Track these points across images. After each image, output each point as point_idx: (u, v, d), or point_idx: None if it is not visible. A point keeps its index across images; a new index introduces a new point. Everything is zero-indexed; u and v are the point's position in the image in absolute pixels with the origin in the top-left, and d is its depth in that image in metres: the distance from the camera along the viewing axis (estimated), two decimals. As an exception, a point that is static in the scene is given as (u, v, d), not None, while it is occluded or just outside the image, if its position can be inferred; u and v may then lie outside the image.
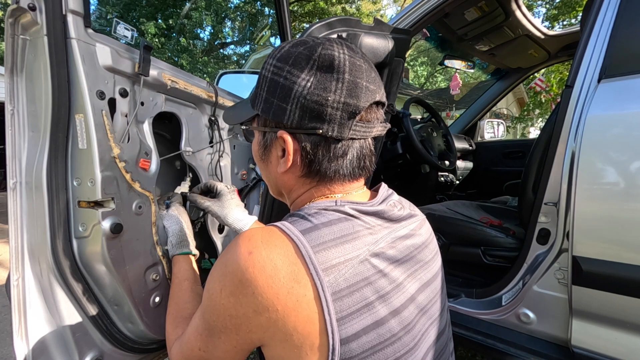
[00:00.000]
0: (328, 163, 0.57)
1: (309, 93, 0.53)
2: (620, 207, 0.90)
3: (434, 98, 12.31)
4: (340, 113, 0.53)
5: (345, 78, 0.53)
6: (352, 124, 0.54)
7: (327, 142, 0.56)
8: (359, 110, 0.54)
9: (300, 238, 0.50)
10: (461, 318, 1.28)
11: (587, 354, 0.98)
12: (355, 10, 16.99)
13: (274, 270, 0.48)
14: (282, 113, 0.56)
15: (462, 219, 1.58)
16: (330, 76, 0.53)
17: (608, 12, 1.00)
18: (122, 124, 0.87)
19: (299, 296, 0.47)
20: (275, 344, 0.50)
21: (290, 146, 0.57)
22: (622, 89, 0.93)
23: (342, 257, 0.50)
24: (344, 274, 0.49)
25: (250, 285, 0.48)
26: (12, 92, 0.80)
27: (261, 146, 0.64)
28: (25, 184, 0.81)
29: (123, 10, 12.36)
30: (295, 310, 0.47)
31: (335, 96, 0.53)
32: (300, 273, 0.48)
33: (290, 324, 0.48)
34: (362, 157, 0.59)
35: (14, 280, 0.79)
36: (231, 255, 0.51)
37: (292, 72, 0.54)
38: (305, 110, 0.54)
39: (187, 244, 0.93)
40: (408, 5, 1.56)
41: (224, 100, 1.20)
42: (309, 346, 0.48)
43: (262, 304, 0.48)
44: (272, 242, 0.50)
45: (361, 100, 0.54)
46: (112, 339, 0.90)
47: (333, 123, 0.54)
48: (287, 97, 0.55)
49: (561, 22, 11.48)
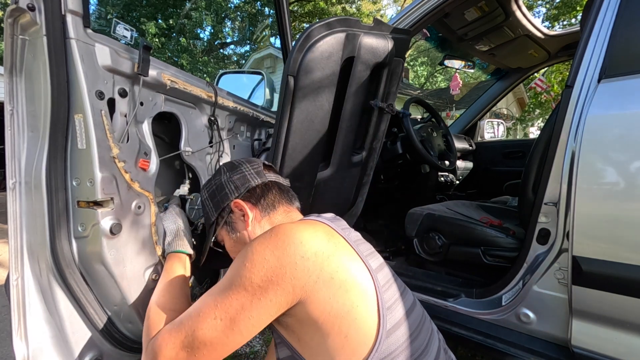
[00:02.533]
0: (268, 196, 0.85)
1: (230, 176, 0.87)
2: (620, 207, 0.90)
3: (434, 98, 12.30)
4: (253, 171, 0.88)
5: (243, 161, 0.91)
6: (263, 173, 0.88)
7: (259, 188, 0.86)
8: (260, 165, 0.90)
9: (317, 217, 0.76)
10: (461, 318, 1.27)
11: (587, 354, 0.97)
12: (355, 10, 16.98)
13: (314, 228, 0.67)
14: (225, 195, 0.85)
15: (462, 219, 1.57)
16: (234, 166, 0.89)
17: (608, 12, 1.00)
18: (121, 124, 0.87)
19: (337, 243, 0.66)
20: (321, 287, 0.60)
21: (242, 203, 0.83)
22: (622, 89, 0.93)
23: (343, 227, 0.74)
24: (351, 234, 0.74)
25: (298, 236, 0.63)
26: (11, 92, 0.80)
27: (229, 232, 0.86)
28: (25, 184, 0.81)
29: (123, 10, 12.37)
30: (334, 255, 0.63)
31: (245, 167, 0.89)
32: (331, 231, 0.69)
33: (334, 263, 0.62)
34: (285, 189, 0.90)
35: (14, 280, 0.79)
36: (274, 228, 0.66)
37: (215, 179, 0.89)
38: (236, 182, 0.86)
39: (182, 243, 0.94)
40: (408, 5, 1.56)
41: (224, 100, 1.20)
42: (351, 282, 0.62)
43: (310, 250, 0.61)
44: (304, 220, 0.76)
45: (259, 163, 0.91)
46: (111, 339, 0.90)
47: (254, 178, 0.86)
48: (222, 187, 0.86)
49: (561, 22, 11.47)
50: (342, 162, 1.41)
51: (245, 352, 1.87)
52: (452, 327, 1.27)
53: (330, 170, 1.38)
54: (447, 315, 1.29)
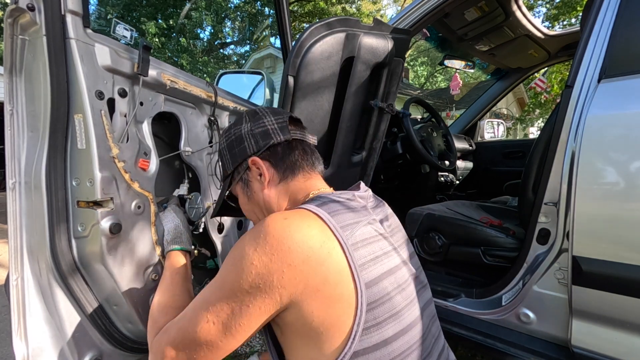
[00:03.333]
0: (289, 158, 0.77)
1: (252, 127, 0.78)
2: (620, 207, 0.90)
3: (434, 98, 12.30)
4: (277, 126, 0.78)
5: (267, 112, 0.80)
6: (288, 129, 0.78)
7: (281, 146, 0.77)
8: (286, 118, 0.79)
9: (317, 209, 0.63)
10: (461, 318, 1.27)
11: (587, 354, 0.97)
12: (355, 10, 16.98)
13: (308, 228, 0.59)
14: (244, 150, 0.77)
15: (462, 219, 1.57)
16: (258, 116, 0.79)
17: (608, 12, 1.00)
18: (121, 124, 0.87)
19: (330, 249, 0.58)
20: (306, 297, 0.56)
21: (260, 162, 0.75)
22: (622, 89, 0.93)
23: (352, 220, 0.65)
24: (357, 231, 0.63)
25: (287, 242, 0.57)
26: (11, 92, 0.80)
27: (244, 189, 0.80)
28: (25, 183, 0.81)
29: (123, 10, 12.37)
30: (326, 262, 0.57)
31: (267, 119, 0.78)
32: (327, 232, 0.60)
33: (321, 274, 0.57)
34: (310, 151, 0.81)
35: (13, 280, 0.79)
36: (266, 222, 0.60)
37: (236, 128, 0.80)
38: (256, 135, 0.77)
39: (181, 240, 0.94)
40: (408, 5, 1.56)
41: (224, 100, 1.20)
42: (339, 295, 0.57)
43: (298, 257, 0.56)
44: (301, 213, 0.63)
45: (283, 115, 0.80)
46: (111, 339, 0.90)
47: (277, 133, 0.77)
48: (241, 139, 0.78)
49: (561, 22, 11.47)
50: (342, 162, 1.41)
51: (245, 352, 1.88)
52: (452, 327, 1.27)
53: (330, 170, 1.38)
54: (447, 315, 1.29)
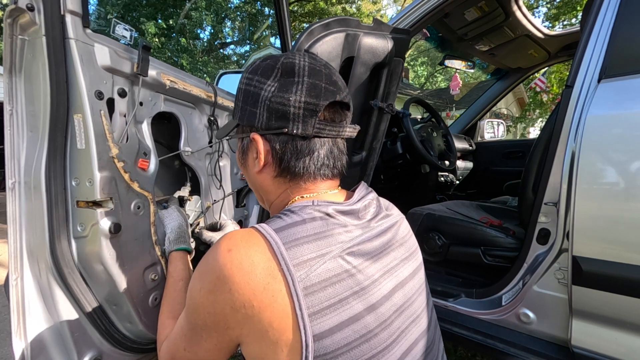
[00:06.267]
0: (296, 161, 0.60)
1: (274, 95, 0.58)
2: (620, 207, 0.90)
3: (434, 98, 12.31)
4: (302, 112, 0.58)
5: (305, 80, 0.58)
6: (314, 122, 0.59)
7: (294, 140, 0.60)
8: (319, 108, 0.58)
9: (273, 235, 0.52)
10: (461, 318, 1.27)
11: (587, 354, 0.97)
12: (355, 10, 16.98)
13: (251, 266, 0.50)
14: (253, 117, 0.61)
15: (462, 219, 1.57)
16: (291, 80, 0.58)
17: (608, 12, 1.00)
18: (120, 124, 0.87)
19: (275, 291, 0.49)
20: (252, 341, 0.51)
21: (260, 145, 0.61)
22: (622, 89, 0.93)
23: (314, 253, 0.52)
24: (316, 269, 0.51)
25: (228, 282, 0.50)
26: (10, 92, 0.80)
27: (240, 151, 0.69)
28: (24, 184, 0.81)
29: (123, 10, 12.37)
30: (271, 306, 0.49)
31: (296, 96, 0.57)
32: (275, 270, 0.50)
33: (266, 320, 0.49)
34: (332, 157, 0.63)
35: (13, 280, 0.79)
36: (212, 254, 0.53)
37: (260, 81, 0.60)
38: (272, 111, 0.59)
39: (184, 240, 0.94)
40: (408, 5, 1.56)
41: (224, 100, 1.20)
42: (285, 342, 0.49)
43: (239, 300, 0.49)
44: (251, 241, 0.52)
45: (321, 99, 0.58)
46: (110, 339, 0.90)
47: (297, 122, 0.58)
48: (256, 102, 0.60)
49: (561, 22, 11.46)
50: (342, 162, 1.40)
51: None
52: (452, 327, 1.27)
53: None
54: (447, 316, 1.29)
